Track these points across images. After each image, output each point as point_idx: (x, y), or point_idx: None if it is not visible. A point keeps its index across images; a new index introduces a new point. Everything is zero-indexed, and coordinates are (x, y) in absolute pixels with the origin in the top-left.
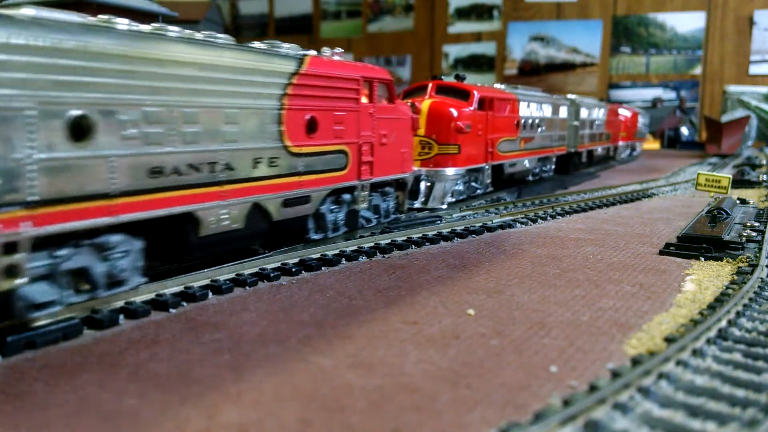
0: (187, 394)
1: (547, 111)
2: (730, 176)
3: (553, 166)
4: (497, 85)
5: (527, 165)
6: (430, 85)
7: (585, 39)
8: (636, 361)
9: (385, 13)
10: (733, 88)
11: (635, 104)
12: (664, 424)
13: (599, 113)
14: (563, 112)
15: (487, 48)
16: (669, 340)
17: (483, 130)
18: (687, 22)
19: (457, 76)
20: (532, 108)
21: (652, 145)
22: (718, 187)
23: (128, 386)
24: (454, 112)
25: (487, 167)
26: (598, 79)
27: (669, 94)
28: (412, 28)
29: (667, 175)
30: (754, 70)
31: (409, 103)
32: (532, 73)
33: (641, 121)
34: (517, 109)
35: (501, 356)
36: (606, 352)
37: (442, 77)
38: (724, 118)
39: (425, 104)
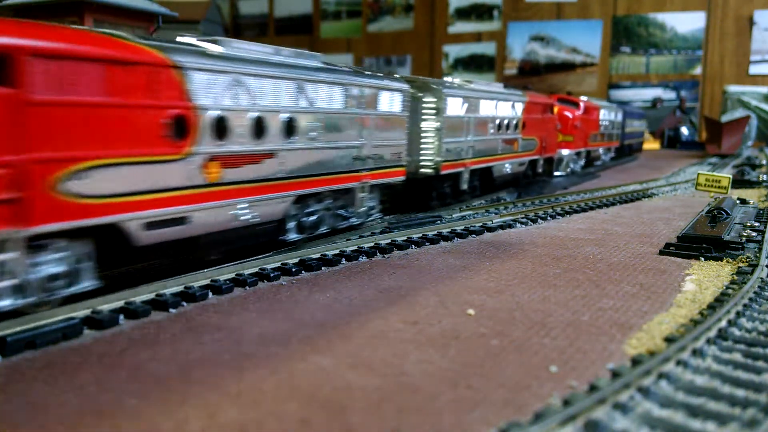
0: (187, 394)
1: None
2: (730, 176)
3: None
4: None
5: None
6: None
7: (585, 39)
8: (636, 361)
9: (385, 13)
10: (733, 88)
11: (635, 104)
12: (664, 424)
13: (505, 109)
14: (391, 103)
15: (487, 48)
16: (669, 340)
17: None
18: (687, 22)
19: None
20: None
21: (652, 145)
22: (718, 187)
23: (128, 386)
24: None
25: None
26: (598, 79)
27: (669, 94)
28: (412, 28)
29: (667, 175)
30: (754, 70)
31: None
32: (532, 73)
33: (607, 118)
34: None
35: (501, 356)
36: (606, 352)
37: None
38: (724, 118)
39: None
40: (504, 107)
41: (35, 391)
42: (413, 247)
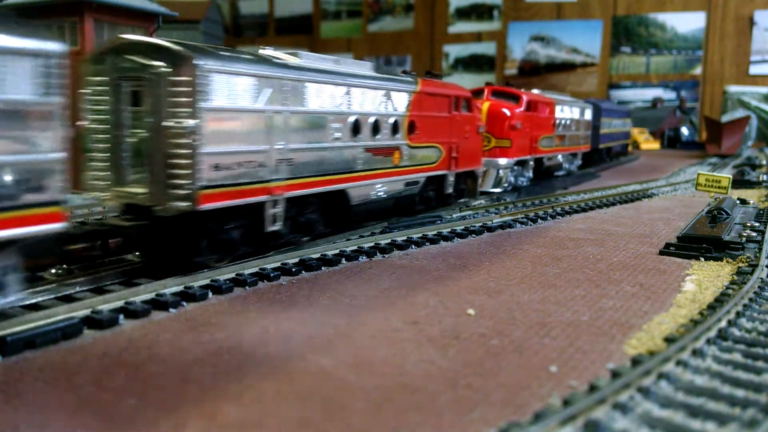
0: (187, 394)
1: None
2: (730, 176)
3: None
4: None
5: None
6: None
7: (585, 39)
8: (636, 361)
9: (385, 13)
10: (733, 88)
11: (635, 104)
12: (664, 424)
13: (372, 101)
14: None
15: (487, 48)
16: (669, 340)
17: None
18: (687, 22)
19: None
20: None
21: (652, 145)
22: (718, 187)
23: (128, 386)
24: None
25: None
26: (598, 79)
27: (669, 94)
28: (412, 28)
29: (667, 175)
30: (754, 70)
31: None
32: (533, 73)
33: (568, 116)
34: None
35: (501, 356)
36: (606, 352)
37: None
38: (724, 119)
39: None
40: (370, 98)
41: (35, 391)
42: (413, 247)
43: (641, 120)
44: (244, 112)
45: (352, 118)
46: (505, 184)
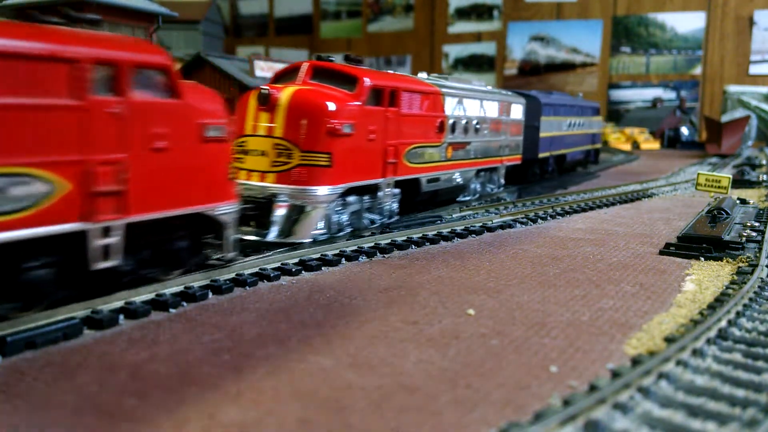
0: (187, 394)
1: None
2: (730, 176)
3: None
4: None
5: None
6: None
7: (585, 39)
8: (636, 361)
9: (385, 13)
10: (733, 88)
11: (635, 104)
12: (664, 424)
13: None
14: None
15: (487, 48)
16: (669, 340)
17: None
18: (687, 22)
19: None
20: None
21: (652, 145)
22: (718, 187)
23: (128, 386)
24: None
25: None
26: (598, 79)
27: (669, 94)
28: (412, 28)
29: (667, 175)
30: (754, 70)
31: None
32: (532, 73)
33: (473, 114)
34: None
35: (501, 356)
36: (606, 352)
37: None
38: (724, 118)
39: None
40: None
41: (35, 391)
42: (413, 247)
43: (641, 120)
44: None
45: None
46: (319, 230)
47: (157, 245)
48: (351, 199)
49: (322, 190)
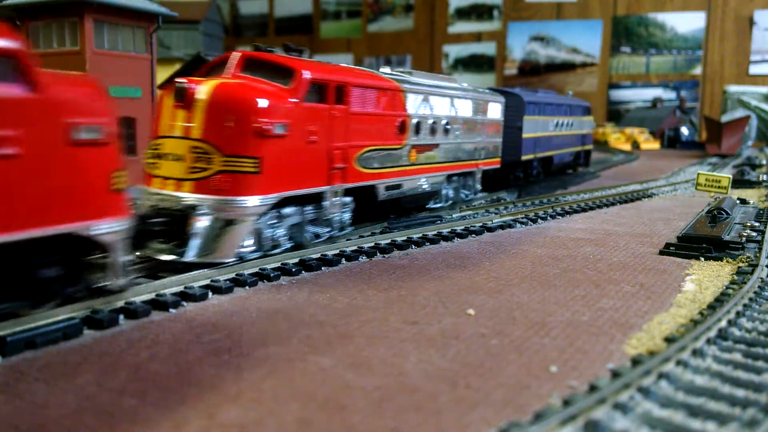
0: (187, 393)
1: None
2: (730, 176)
3: None
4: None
5: None
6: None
7: (585, 39)
8: (636, 361)
9: (385, 13)
10: (733, 88)
11: (635, 104)
12: (664, 424)
13: None
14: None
15: (487, 48)
16: (669, 340)
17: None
18: (687, 22)
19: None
20: None
21: (652, 145)
22: (718, 187)
23: (128, 386)
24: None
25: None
26: (598, 79)
27: (669, 94)
28: (412, 28)
29: (667, 175)
30: (754, 70)
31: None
32: (532, 73)
33: (442, 114)
34: None
35: (501, 356)
36: (606, 352)
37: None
38: (724, 118)
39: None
40: None
41: (35, 391)
42: (413, 247)
43: (641, 120)
44: None
45: None
46: (248, 248)
47: (9, 275)
48: (288, 210)
49: (250, 201)
